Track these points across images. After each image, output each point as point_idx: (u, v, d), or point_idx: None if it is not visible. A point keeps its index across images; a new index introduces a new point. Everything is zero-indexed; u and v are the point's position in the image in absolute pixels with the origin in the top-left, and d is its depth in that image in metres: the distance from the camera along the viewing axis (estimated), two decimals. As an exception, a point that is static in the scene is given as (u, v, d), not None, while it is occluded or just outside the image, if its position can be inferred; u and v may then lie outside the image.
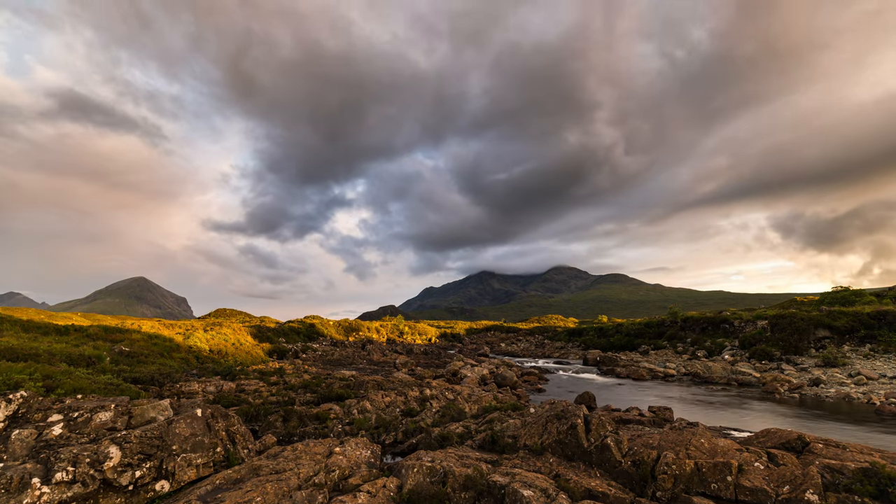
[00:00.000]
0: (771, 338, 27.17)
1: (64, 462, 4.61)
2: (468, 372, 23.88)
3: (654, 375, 26.32)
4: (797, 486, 6.17)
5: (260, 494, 5.09)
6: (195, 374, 20.41)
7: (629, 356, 34.42)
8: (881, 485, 5.56)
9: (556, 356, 43.23)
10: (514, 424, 9.59)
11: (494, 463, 7.69)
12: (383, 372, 25.48)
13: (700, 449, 7.57)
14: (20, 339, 20.27)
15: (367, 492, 5.72)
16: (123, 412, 5.94)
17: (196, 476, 5.79)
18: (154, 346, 24.83)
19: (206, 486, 5.46)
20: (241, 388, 16.81)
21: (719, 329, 33.53)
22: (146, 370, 17.32)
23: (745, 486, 6.43)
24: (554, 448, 8.00)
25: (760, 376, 22.36)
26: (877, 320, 25.35)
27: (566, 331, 57.87)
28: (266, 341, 39.48)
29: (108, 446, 5.01)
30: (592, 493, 6.45)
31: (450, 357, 38.67)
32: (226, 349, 30.65)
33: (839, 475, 6.16)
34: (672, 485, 6.65)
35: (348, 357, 37.66)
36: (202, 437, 6.15)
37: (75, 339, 23.76)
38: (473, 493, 6.15)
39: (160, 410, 6.25)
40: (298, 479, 5.62)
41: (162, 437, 5.62)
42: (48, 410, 6.10)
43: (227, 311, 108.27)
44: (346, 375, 20.31)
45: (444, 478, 6.29)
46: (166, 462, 5.51)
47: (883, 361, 21.94)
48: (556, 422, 8.31)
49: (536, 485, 6.10)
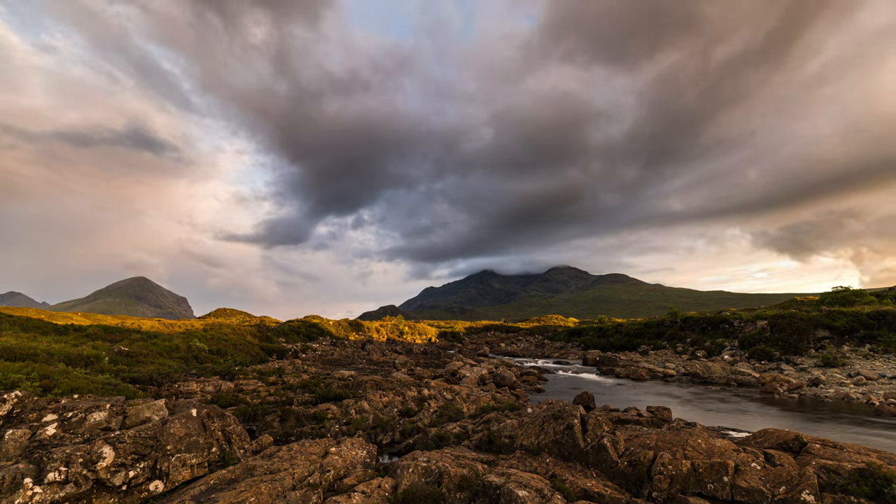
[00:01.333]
0: (770, 338, 27.14)
1: (56, 462, 4.59)
2: (467, 372, 23.87)
3: (654, 375, 26.29)
4: (793, 486, 6.15)
5: (254, 495, 5.08)
6: (195, 374, 20.40)
7: (629, 356, 34.39)
8: (877, 485, 5.54)
9: (556, 356, 43.20)
10: (511, 424, 9.57)
11: (491, 463, 7.67)
12: (383, 372, 25.47)
13: (697, 449, 7.55)
14: (19, 339, 20.27)
15: (362, 492, 5.71)
16: (118, 412, 5.93)
17: (191, 476, 5.78)
18: (153, 346, 24.80)
19: (200, 486, 5.45)
20: (240, 387, 16.80)
21: (719, 329, 33.50)
22: (145, 370, 17.31)
23: (741, 487, 6.41)
24: (551, 448, 7.98)
25: (760, 376, 22.33)
26: (876, 320, 25.30)
27: (566, 331, 57.82)
28: (266, 341, 39.49)
29: (102, 446, 5.00)
30: (588, 493, 6.43)
31: (449, 357, 38.65)
32: (226, 349, 30.63)
33: (836, 476, 6.14)
34: (668, 485, 6.63)
35: (348, 357, 37.65)
36: (197, 437, 6.14)
37: (74, 338, 23.75)
38: (469, 494, 6.13)
39: (155, 410, 6.24)
40: (293, 480, 5.61)
41: (156, 437, 5.61)
42: (43, 410, 6.09)
43: (227, 311, 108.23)
44: (344, 375, 20.30)
45: (440, 478, 6.27)
46: (160, 462, 5.50)
47: (882, 362, 21.90)
48: (553, 422, 8.29)
49: (532, 485, 6.08)
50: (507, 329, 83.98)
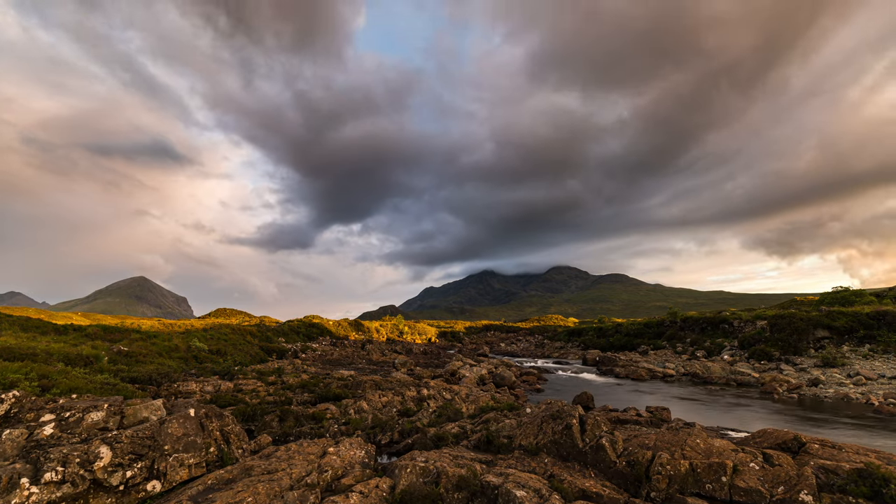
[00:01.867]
0: (770, 338, 27.12)
1: (53, 462, 4.59)
2: (466, 372, 23.85)
3: (654, 375, 26.28)
4: (792, 486, 6.15)
5: (251, 495, 5.08)
6: (194, 373, 20.39)
7: (628, 356, 34.38)
8: (875, 485, 5.53)
9: (556, 356, 43.19)
10: (509, 424, 9.56)
11: (489, 463, 7.67)
12: (382, 372, 25.46)
13: (695, 449, 7.54)
14: (18, 339, 20.26)
15: (360, 492, 5.70)
16: (116, 412, 5.93)
17: (188, 476, 5.77)
18: (153, 346, 24.79)
19: (197, 486, 5.44)
20: (239, 387, 16.80)
21: (718, 329, 33.48)
22: (144, 370, 17.30)
23: (739, 487, 6.40)
24: (549, 448, 7.98)
25: (759, 376, 22.32)
26: (876, 320, 25.29)
27: (566, 331, 57.80)
28: (266, 341, 39.44)
29: (99, 446, 4.99)
30: (586, 493, 6.43)
31: (449, 357, 38.63)
32: (225, 349, 30.61)
33: (834, 476, 6.14)
34: (666, 485, 6.62)
35: (348, 357, 37.63)
36: (195, 436, 6.13)
37: (74, 338, 23.75)
38: (467, 494, 6.12)
39: (153, 410, 6.23)
40: (290, 480, 5.60)
41: (154, 437, 5.60)
42: (40, 410, 6.09)
43: (227, 311, 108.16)
44: (344, 375, 20.29)
45: (438, 478, 6.27)
46: (158, 462, 5.50)
47: (882, 362, 21.89)
48: (552, 422, 8.29)
49: (530, 485, 6.07)
50: (507, 329, 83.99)
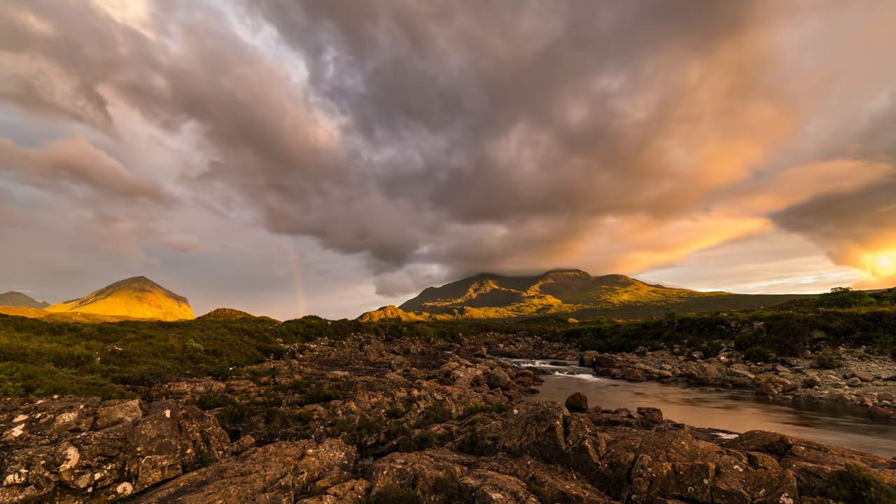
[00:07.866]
0: (767, 339, 27.01)
1: (17, 464, 4.53)
2: (461, 373, 23.77)
3: (650, 376, 26.19)
4: (773, 489, 6.07)
5: (221, 497, 5.01)
6: (188, 374, 20.32)
7: (626, 357, 34.27)
8: (856, 488, 5.46)
9: (554, 357, 43.08)
10: (495, 426, 9.50)
11: (471, 465, 7.60)
12: (378, 372, 25.37)
13: (680, 451, 7.46)
14: (12, 339, 20.19)
15: (334, 494, 5.63)
16: (89, 413, 5.87)
17: (161, 478, 5.71)
18: (148, 346, 24.70)
19: (169, 488, 5.38)
20: (231, 388, 16.71)
21: (716, 330, 33.37)
22: (136, 370, 17.22)
23: (721, 490, 6.32)
24: (532, 450, 7.91)
25: (755, 378, 22.22)
26: (872, 322, 25.15)
27: (564, 332, 57.65)
28: (263, 341, 39.35)
29: (67, 448, 4.93)
30: (566, 496, 6.36)
31: (447, 358, 38.53)
32: (222, 349, 30.52)
33: (815, 479, 6.06)
34: (647, 488, 6.55)
35: (345, 357, 37.53)
36: (170, 438, 6.07)
37: (69, 338, 23.67)
38: (444, 496, 6.05)
39: (128, 411, 6.17)
40: (264, 482, 5.54)
41: (126, 439, 5.54)
42: (14, 411, 6.03)
43: (226, 311, 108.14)
44: (338, 376, 20.19)
45: (415, 480, 6.20)
46: (129, 464, 5.43)
47: (878, 363, 21.77)
48: (536, 423, 8.22)
49: (507, 488, 6.00)
50: (506, 330, 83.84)
